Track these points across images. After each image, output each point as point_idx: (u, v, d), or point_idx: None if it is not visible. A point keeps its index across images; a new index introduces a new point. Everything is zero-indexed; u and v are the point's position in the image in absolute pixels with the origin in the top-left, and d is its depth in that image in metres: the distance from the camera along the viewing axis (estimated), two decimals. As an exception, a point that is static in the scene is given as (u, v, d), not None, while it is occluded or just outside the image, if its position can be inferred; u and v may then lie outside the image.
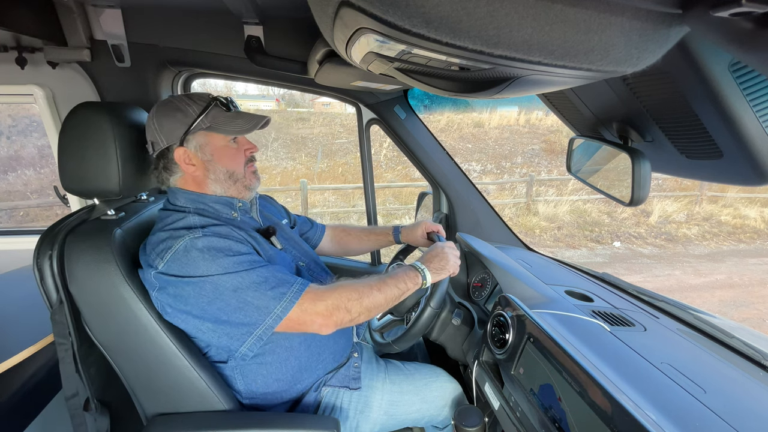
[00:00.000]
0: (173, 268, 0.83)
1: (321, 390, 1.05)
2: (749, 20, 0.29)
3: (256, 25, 1.29)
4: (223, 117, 0.96)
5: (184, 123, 0.93)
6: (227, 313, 0.84)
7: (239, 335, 0.87)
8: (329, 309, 0.87)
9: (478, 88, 0.54)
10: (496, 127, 13.04)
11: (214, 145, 0.96)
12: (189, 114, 0.94)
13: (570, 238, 7.65)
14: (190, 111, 0.94)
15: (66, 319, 0.91)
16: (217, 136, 0.96)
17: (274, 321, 0.85)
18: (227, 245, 0.86)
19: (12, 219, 7.06)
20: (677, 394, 0.68)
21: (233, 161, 0.98)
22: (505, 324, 0.94)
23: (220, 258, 0.84)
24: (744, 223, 8.37)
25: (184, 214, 0.92)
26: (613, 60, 0.39)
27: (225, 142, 0.97)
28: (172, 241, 0.85)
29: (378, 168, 10.79)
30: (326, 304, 0.87)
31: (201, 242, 0.84)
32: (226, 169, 0.98)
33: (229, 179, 0.98)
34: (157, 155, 0.97)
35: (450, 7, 0.33)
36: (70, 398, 0.96)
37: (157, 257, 0.85)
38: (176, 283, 0.83)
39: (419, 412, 1.11)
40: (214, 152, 0.96)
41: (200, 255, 0.83)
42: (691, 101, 0.58)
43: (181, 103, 0.95)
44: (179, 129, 0.94)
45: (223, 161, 0.97)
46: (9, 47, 1.32)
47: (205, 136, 0.95)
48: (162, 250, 0.85)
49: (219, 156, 0.96)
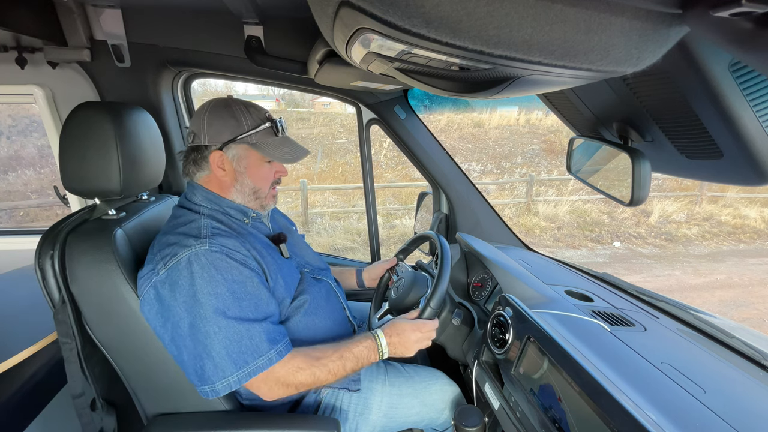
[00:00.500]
0: (171, 277, 0.83)
1: (320, 391, 1.05)
2: (749, 20, 0.29)
3: (256, 25, 1.29)
4: (270, 139, 0.98)
5: (234, 132, 0.95)
6: (189, 356, 0.83)
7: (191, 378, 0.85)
8: (278, 386, 0.87)
9: (478, 88, 0.54)
10: (496, 127, 13.04)
11: (251, 160, 0.98)
12: (241, 126, 0.95)
13: (570, 238, 7.65)
14: (243, 123, 0.95)
15: (69, 318, 0.91)
16: (258, 154, 0.98)
17: (224, 388, 0.82)
18: (228, 266, 0.85)
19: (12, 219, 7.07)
20: (677, 394, 0.68)
21: (262, 180, 1.01)
22: (505, 324, 0.94)
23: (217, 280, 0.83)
24: (744, 223, 8.37)
25: (198, 216, 0.93)
26: (613, 60, 0.39)
27: (261, 160, 0.99)
28: (178, 249, 0.84)
29: (378, 168, 10.79)
30: (276, 382, 0.86)
31: (204, 258, 0.83)
32: (253, 185, 1.00)
33: (252, 194, 1.01)
34: (191, 147, 0.98)
35: (450, 7, 0.33)
36: (76, 397, 0.96)
37: (161, 261, 0.85)
38: (165, 298, 0.83)
39: (418, 414, 1.11)
40: (248, 167, 0.98)
41: (199, 272, 0.82)
42: (691, 101, 0.58)
43: (237, 111, 0.96)
44: (226, 135, 0.94)
45: (254, 177, 0.99)
46: (9, 47, 1.32)
47: (247, 150, 0.97)
48: (167, 255, 0.85)
49: (252, 172, 0.99)
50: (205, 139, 0.94)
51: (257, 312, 0.86)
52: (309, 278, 1.09)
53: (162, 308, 0.84)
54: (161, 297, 0.83)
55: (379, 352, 0.96)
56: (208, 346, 0.81)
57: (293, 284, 1.01)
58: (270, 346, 0.85)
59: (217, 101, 0.97)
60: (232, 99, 0.98)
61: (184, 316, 0.82)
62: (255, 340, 0.84)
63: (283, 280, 0.97)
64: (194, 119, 0.97)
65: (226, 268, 0.84)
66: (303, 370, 0.88)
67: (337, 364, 0.91)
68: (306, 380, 0.88)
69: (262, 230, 1.05)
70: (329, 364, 0.91)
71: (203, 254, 0.83)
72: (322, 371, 0.90)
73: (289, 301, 0.99)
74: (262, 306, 0.88)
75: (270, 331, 0.87)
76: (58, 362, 0.95)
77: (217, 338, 0.81)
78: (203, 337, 0.81)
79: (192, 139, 0.96)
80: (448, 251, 1.07)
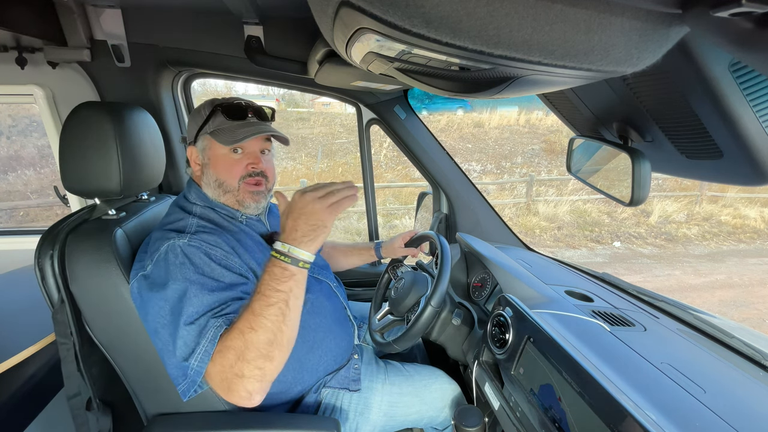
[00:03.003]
0: (155, 272, 0.83)
1: (321, 391, 1.05)
2: (749, 20, 0.29)
3: (256, 25, 1.29)
4: (227, 125, 0.95)
5: (197, 123, 0.98)
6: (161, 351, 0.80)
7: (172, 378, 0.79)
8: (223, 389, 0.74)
9: (478, 88, 0.54)
10: (496, 127, 13.04)
11: (214, 151, 0.96)
12: (201, 116, 0.98)
13: (570, 238, 7.64)
14: (202, 113, 0.98)
15: (67, 318, 0.91)
16: (216, 143, 0.95)
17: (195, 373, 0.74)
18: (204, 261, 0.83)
19: (12, 219, 7.07)
20: (677, 394, 0.68)
21: (227, 172, 0.95)
22: (505, 324, 0.94)
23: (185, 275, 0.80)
24: (744, 223, 8.37)
25: (186, 216, 0.94)
26: (613, 60, 0.39)
27: (225, 150, 0.95)
28: (161, 243, 0.86)
29: (378, 168, 10.78)
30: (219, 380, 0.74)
31: (179, 249, 0.84)
32: (216, 177, 0.96)
33: (219, 188, 0.96)
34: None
35: (450, 7, 0.33)
36: (72, 398, 0.96)
37: (148, 257, 0.86)
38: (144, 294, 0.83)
39: (419, 413, 1.11)
40: (211, 158, 0.97)
41: (173, 260, 0.82)
42: (691, 101, 0.58)
43: (203, 105, 0.99)
44: (194, 128, 0.99)
45: (217, 169, 0.96)
46: (9, 47, 1.32)
47: (209, 140, 0.97)
48: (153, 250, 0.86)
49: (214, 163, 0.96)
50: (188, 137, 1.01)
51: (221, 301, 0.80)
52: (310, 277, 1.08)
53: (142, 302, 0.84)
54: (142, 291, 0.84)
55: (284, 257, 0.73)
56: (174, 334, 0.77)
57: None
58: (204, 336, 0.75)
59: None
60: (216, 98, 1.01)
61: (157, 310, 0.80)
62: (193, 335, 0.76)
63: None
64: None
65: (200, 262, 0.83)
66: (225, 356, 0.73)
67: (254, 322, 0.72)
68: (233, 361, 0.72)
69: (257, 228, 1.04)
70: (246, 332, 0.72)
71: (180, 246, 0.84)
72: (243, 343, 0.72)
73: None
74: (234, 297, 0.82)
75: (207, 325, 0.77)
76: (57, 363, 0.95)
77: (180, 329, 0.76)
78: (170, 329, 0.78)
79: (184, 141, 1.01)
80: (448, 251, 1.07)
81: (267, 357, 0.73)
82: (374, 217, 1.78)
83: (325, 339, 1.05)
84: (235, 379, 0.72)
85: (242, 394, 0.73)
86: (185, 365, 0.76)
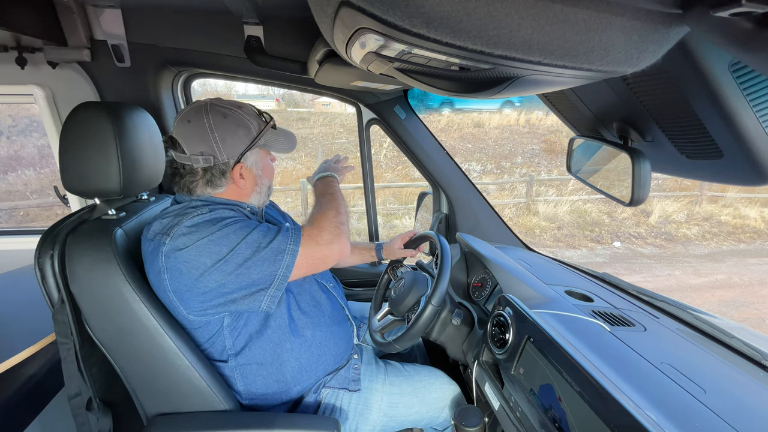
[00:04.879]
0: (180, 241, 0.84)
1: (320, 391, 1.05)
2: (749, 20, 0.29)
3: (256, 25, 1.29)
4: (271, 135, 1.00)
5: (248, 139, 0.94)
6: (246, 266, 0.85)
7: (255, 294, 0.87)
8: (333, 231, 0.94)
9: (478, 88, 0.54)
10: (496, 127, 13.04)
11: (264, 161, 1.01)
12: (251, 131, 0.95)
13: (570, 238, 7.64)
14: (252, 128, 0.95)
15: (68, 318, 0.91)
16: (264, 152, 1.01)
17: (292, 257, 0.87)
18: (234, 216, 0.90)
19: (12, 219, 7.07)
20: (677, 394, 0.68)
21: (272, 175, 1.06)
22: (505, 324, 0.94)
23: (227, 220, 0.87)
24: (744, 223, 8.37)
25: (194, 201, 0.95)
26: (613, 60, 0.39)
27: (267, 158, 1.03)
28: (179, 218, 0.87)
29: (378, 168, 10.78)
30: (328, 230, 0.93)
31: (209, 215, 0.87)
32: (269, 183, 1.04)
33: (268, 191, 1.05)
34: (204, 168, 0.92)
35: (450, 7, 0.33)
36: (72, 398, 0.96)
37: (165, 235, 0.85)
38: (186, 255, 0.83)
39: (418, 413, 1.11)
40: (264, 168, 1.01)
41: (207, 223, 0.86)
42: (691, 101, 0.58)
43: (238, 116, 0.93)
44: (242, 145, 0.94)
45: (268, 175, 1.04)
46: (9, 47, 1.32)
47: (259, 152, 0.99)
48: (168, 227, 0.86)
49: (266, 171, 1.02)
50: (224, 156, 0.92)
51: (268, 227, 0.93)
52: (309, 277, 1.09)
53: (189, 263, 0.84)
54: (181, 257, 0.84)
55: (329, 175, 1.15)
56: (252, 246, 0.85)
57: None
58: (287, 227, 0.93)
59: (214, 114, 0.92)
60: (221, 106, 0.93)
61: (214, 252, 0.83)
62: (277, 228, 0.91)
63: None
64: (200, 140, 0.91)
65: (232, 216, 0.89)
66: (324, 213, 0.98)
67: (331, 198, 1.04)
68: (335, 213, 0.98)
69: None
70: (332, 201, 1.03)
71: (206, 214, 0.88)
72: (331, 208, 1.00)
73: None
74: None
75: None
76: (57, 363, 0.95)
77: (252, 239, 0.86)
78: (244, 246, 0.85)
79: (204, 161, 0.91)
80: (448, 251, 1.07)
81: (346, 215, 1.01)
82: (374, 217, 1.78)
83: (324, 339, 1.05)
84: (339, 225, 0.96)
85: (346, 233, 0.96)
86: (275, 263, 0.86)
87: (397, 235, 1.37)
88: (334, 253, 0.92)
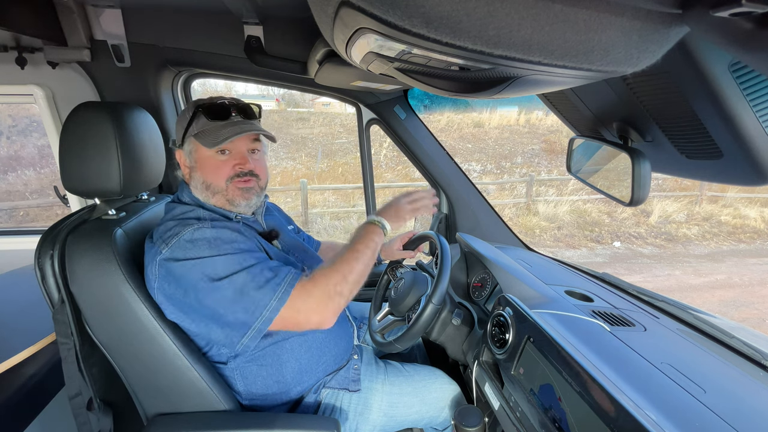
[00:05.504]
0: (177, 253, 0.84)
1: (320, 392, 1.05)
2: (749, 20, 0.29)
3: (256, 25, 1.29)
4: (210, 126, 0.93)
5: (183, 126, 0.97)
6: (224, 305, 0.84)
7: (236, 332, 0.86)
8: (320, 301, 0.86)
9: (478, 88, 0.53)
10: (496, 127, 13.04)
11: (200, 153, 0.95)
12: (185, 118, 0.96)
13: (570, 238, 7.64)
14: (186, 115, 0.96)
15: (68, 318, 0.91)
16: (201, 145, 0.94)
17: (272, 313, 0.84)
18: (234, 237, 0.88)
19: (12, 219, 7.06)
20: (677, 394, 0.68)
21: (213, 174, 0.94)
22: (505, 324, 0.94)
23: (225, 246, 0.86)
24: (744, 223, 8.37)
25: (192, 207, 0.95)
26: (613, 60, 0.39)
27: (210, 152, 0.93)
28: (180, 228, 0.86)
29: (378, 168, 10.78)
30: (316, 298, 0.86)
31: (209, 232, 0.86)
32: (203, 180, 0.95)
33: (207, 190, 0.96)
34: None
35: (450, 7, 0.33)
36: (73, 398, 0.96)
37: (163, 243, 0.86)
38: (177, 270, 0.84)
39: (418, 413, 1.11)
40: (197, 161, 0.96)
41: (206, 243, 0.85)
42: (691, 101, 0.58)
43: (187, 107, 0.98)
44: (180, 131, 0.98)
45: (203, 171, 0.95)
46: (9, 47, 1.32)
47: (194, 143, 0.95)
48: (169, 236, 0.86)
49: (201, 165, 0.95)
50: (177, 140, 0.99)
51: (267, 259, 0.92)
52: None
53: (177, 280, 0.84)
54: (172, 270, 0.84)
55: (380, 226, 1.01)
56: (238, 287, 0.83)
57: None
58: (288, 268, 0.90)
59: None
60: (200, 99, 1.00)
61: (201, 277, 0.83)
62: (273, 269, 0.88)
63: None
64: None
65: (231, 238, 0.88)
66: (327, 274, 0.90)
67: (354, 254, 0.94)
68: (336, 278, 0.89)
69: (254, 227, 1.04)
70: (349, 258, 0.93)
71: (207, 230, 0.87)
72: (344, 264, 0.91)
73: None
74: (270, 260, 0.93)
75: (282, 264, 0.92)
76: (57, 363, 0.95)
77: (241, 278, 0.84)
78: (229, 283, 0.83)
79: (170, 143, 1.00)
80: (448, 251, 1.07)
81: (356, 283, 0.92)
82: (374, 217, 1.78)
83: (324, 340, 1.05)
84: (335, 296, 0.88)
85: (335, 307, 0.88)
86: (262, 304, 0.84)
87: (396, 236, 1.37)
88: (311, 324, 0.87)
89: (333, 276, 0.89)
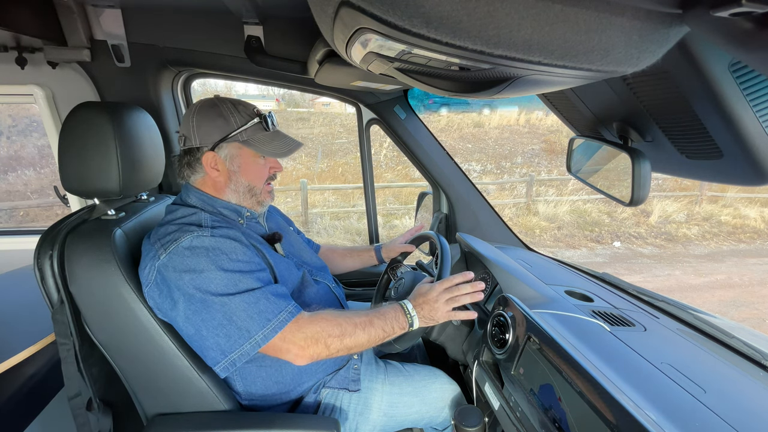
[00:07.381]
0: (175, 260, 0.83)
1: (320, 392, 1.05)
2: (749, 20, 0.29)
3: (256, 25, 1.29)
4: (261, 135, 0.97)
5: (223, 131, 0.95)
6: (208, 327, 0.83)
7: (214, 355, 0.85)
8: (307, 341, 0.86)
9: (478, 88, 0.53)
10: (496, 127, 13.04)
11: (244, 158, 0.98)
12: (230, 124, 0.95)
13: (570, 238, 7.64)
14: (232, 121, 0.95)
15: (67, 319, 0.91)
16: (250, 151, 0.97)
17: (252, 348, 0.83)
18: (233, 247, 0.87)
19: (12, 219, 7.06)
20: (677, 394, 0.68)
21: (257, 177, 1.00)
22: (505, 324, 0.94)
23: (223, 258, 0.85)
24: (744, 223, 8.37)
25: (195, 210, 0.94)
26: (613, 60, 0.39)
27: (255, 157, 0.99)
28: (179, 234, 0.86)
29: (378, 168, 10.78)
30: (305, 335, 0.86)
31: (208, 241, 0.85)
32: (248, 183, 1.00)
33: (248, 192, 1.01)
34: (184, 150, 0.98)
35: (450, 7, 0.33)
36: (72, 398, 0.96)
37: (161, 248, 0.85)
38: (172, 279, 0.83)
39: (418, 413, 1.11)
40: (242, 165, 0.98)
41: (204, 252, 0.84)
42: (691, 101, 0.58)
43: (225, 109, 0.95)
44: (216, 135, 0.95)
45: (248, 175, 0.99)
46: (9, 47, 1.32)
47: (239, 148, 0.97)
48: (168, 241, 0.86)
49: (245, 170, 0.98)
50: (196, 141, 0.95)
51: (268, 281, 0.90)
52: (308, 278, 1.09)
53: (169, 290, 0.84)
54: (166, 279, 0.84)
55: (408, 321, 0.94)
56: (228, 312, 0.82)
57: (292, 283, 1.01)
58: (288, 301, 0.88)
59: (204, 102, 0.97)
60: (218, 98, 0.98)
61: (194, 292, 0.82)
62: (272, 300, 0.86)
63: (280, 277, 0.97)
64: (183, 122, 0.97)
65: (230, 248, 0.87)
66: (328, 320, 0.89)
67: (365, 323, 0.91)
68: (333, 331, 0.88)
69: (257, 230, 1.05)
70: (357, 322, 0.90)
71: (206, 238, 0.86)
72: (348, 323, 0.89)
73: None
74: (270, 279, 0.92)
75: (284, 293, 0.91)
76: (57, 363, 0.95)
77: (234, 303, 0.82)
78: (220, 306, 0.82)
79: (183, 143, 0.96)
80: (448, 251, 1.07)
81: (348, 349, 0.90)
82: (374, 217, 1.78)
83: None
84: (321, 345, 0.87)
85: (313, 354, 0.87)
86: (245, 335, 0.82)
87: (398, 236, 1.37)
88: (286, 356, 0.86)
89: (333, 329, 0.88)
